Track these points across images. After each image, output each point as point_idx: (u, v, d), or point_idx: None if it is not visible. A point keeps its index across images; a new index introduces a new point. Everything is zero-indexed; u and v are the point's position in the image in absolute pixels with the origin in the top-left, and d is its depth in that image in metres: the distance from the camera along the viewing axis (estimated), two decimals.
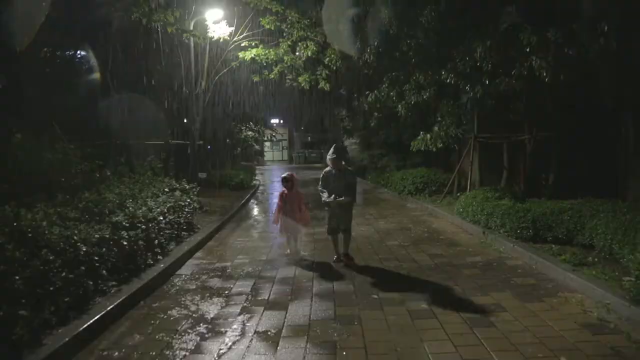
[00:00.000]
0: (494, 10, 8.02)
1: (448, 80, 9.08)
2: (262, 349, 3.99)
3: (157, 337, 4.26)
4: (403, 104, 11.15)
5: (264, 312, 4.88)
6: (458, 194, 11.60)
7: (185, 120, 16.51)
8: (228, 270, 6.52)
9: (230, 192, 15.89)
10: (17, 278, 3.77)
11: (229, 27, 13.28)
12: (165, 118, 16.52)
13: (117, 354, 3.91)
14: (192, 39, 12.38)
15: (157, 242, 6.60)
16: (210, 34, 12.73)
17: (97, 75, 15.67)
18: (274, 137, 36.42)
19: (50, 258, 4.19)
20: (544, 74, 7.06)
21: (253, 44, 14.51)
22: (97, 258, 4.90)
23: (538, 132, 10.14)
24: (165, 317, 4.77)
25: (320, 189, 6.70)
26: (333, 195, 6.51)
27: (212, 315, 4.79)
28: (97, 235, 5.09)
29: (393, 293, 5.38)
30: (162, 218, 7.06)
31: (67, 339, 3.83)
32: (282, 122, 43.40)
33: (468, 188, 11.43)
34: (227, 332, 4.36)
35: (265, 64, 15.51)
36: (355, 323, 4.50)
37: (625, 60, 6.96)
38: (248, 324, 4.55)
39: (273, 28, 14.21)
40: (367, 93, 12.67)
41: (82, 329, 4.06)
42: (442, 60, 9.53)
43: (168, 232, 7.21)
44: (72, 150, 8.45)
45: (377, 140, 20.75)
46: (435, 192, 13.64)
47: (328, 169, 6.72)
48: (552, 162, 9.99)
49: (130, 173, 10.13)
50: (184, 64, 14.28)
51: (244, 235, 9.11)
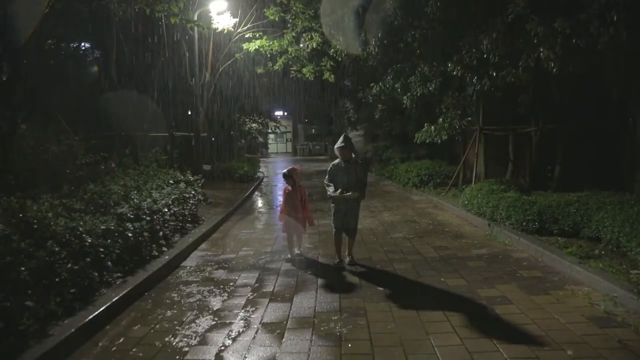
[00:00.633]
0: (500, 1, 7.91)
1: (454, 73, 9.00)
2: (267, 341, 3.99)
3: (162, 328, 4.27)
4: (408, 96, 11.08)
5: (269, 303, 4.88)
6: (463, 186, 11.55)
7: (190, 112, 16.50)
8: (233, 262, 6.52)
9: (235, 184, 15.89)
10: (23, 269, 3.78)
11: (233, 18, 13.22)
12: (170, 110, 16.51)
13: (122, 345, 3.92)
14: (196, 30, 12.33)
15: (161, 233, 6.61)
16: (214, 25, 12.67)
17: (101, 67, 15.68)
18: (278, 129, 36.37)
19: (56, 249, 4.19)
20: (552, 65, 6.98)
21: (257, 35, 14.46)
22: (102, 249, 4.91)
23: (544, 124, 10.07)
24: (171, 308, 4.78)
25: (327, 183, 6.17)
26: (339, 190, 5.98)
27: (217, 307, 4.79)
28: (102, 227, 5.09)
29: (398, 285, 5.38)
30: (166, 210, 7.06)
31: (73, 330, 3.85)
32: (286, 114, 43.27)
33: (473, 180, 11.38)
34: (232, 323, 4.36)
35: (270, 56, 15.46)
36: (361, 315, 4.49)
37: (635, 51, 6.87)
38: (253, 316, 4.55)
39: (277, 19, 14.14)
40: (371, 85, 12.60)
41: (87, 320, 4.07)
42: (447, 52, 9.46)
43: (173, 223, 7.22)
44: (77, 142, 8.46)
45: (381, 132, 20.68)
46: (440, 184, 13.59)
47: (336, 162, 6.17)
48: (558, 154, 9.92)
49: (135, 165, 10.15)
50: (188, 56, 14.24)
51: (249, 227, 9.11)
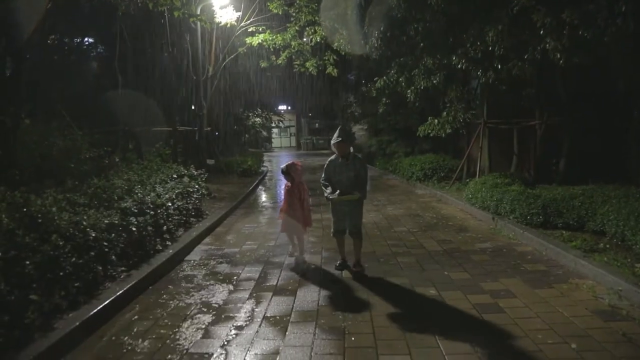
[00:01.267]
0: None
1: (459, 66, 8.93)
2: (270, 334, 3.99)
3: (166, 322, 4.29)
4: (412, 90, 11.03)
5: (273, 297, 4.89)
6: (467, 180, 11.52)
7: (193, 107, 16.51)
8: (237, 256, 6.53)
9: (238, 178, 15.90)
10: (27, 263, 3.80)
11: (236, 12, 13.18)
12: (173, 104, 16.52)
13: (127, 339, 3.93)
14: (198, 24, 12.31)
15: (165, 228, 6.62)
16: (217, 19, 12.64)
17: (104, 63, 15.69)
18: (282, 123, 36.34)
19: (60, 243, 4.20)
20: (558, 57, 6.92)
21: (260, 30, 14.41)
22: (106, 243, 4.92)
23: (549, 117, 10.01)
24: (175, 302, 4.79)
25: (323, 182, 5.58)
26: (337, 191, 5.40)
27: (221, 301, 4.81)
28: (106, 221, 5.10)
29: (402, 279, 5.37)
30: (170, 204, 7.07)
31: (77, 324, 3.87)
32: (289, 108, 43.21)
33: (477, 174, 11.35)
34: (236, 317, 4.37)
35: (273, 50, 15.42)
36: (364, 309, 4.49)
37: None
38: (257, 310, 4.56)
39: (280, 12, 14.08)
40: (375, 79, 12.55)
41: (92, 314, 4.09)
42: (451, 45, 9.39)
43: (177, 218, 7.23)
44: (80, 137, 8.48)
45: (385, 127, 20.62)
46: (444, 178, 13.55)
47: (333, 158, 5.56)
48: (563, 147, 9.86)
49: (139, 159, 10.16)
50: (191, 50, 14.22)
51: (253, 221, 9.12)
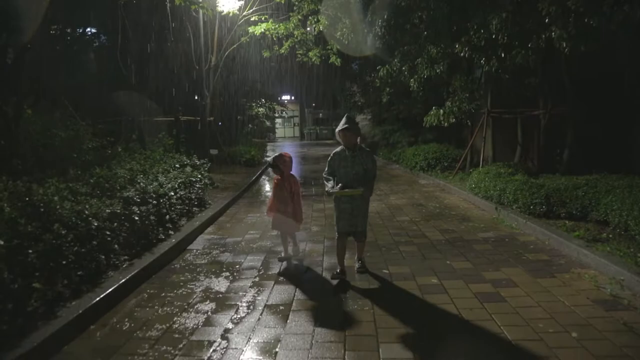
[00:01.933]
0: None
1: (462, 54, 8.86)
2: (272, 322, 4.01)
3: (168, 310, 4.31)
4: (415, 78, 10.97)
5: (275, 286, 4.91)
6: (470, 170, 11.49)
7: (196, 97, 16.48)
8: (239, 245, 6.55)
9: (242, 168, 15.92)
10: (30, 252, 3.82)
11: (238, 0, 13.10)
12: (176, 94, 16.49)
13: (129, 326, 3.96)
14: (201, 13, 12.24)
15: (168, 217, 6.64)
16: (219, 8, 12.57)
17: (106, 53, 15.65)
18: (285, 113, 36.26)
19: (62, 232, 4.22)
20: (564, 45, 6.85)
21: (263, 19, 14.32)
22: (108, 233, 4.95)
23: (553, 106, 9.94)
24: (177, 290, 4.82)
25: (325, 176, 5.04)
26: (339, 185, 4.84)
27: (223, 289, 4.83)
28: (108, 210, 5.12)
29: (403, 267, 5.38)
30: (173, 194, 7.08)
31: (80, 312, 3.89)
32: (293, 98, 43.12)
33: (481, 164, 11.31)
34: (237, 305, 4.39)
35: (276, 39, 15.34)
36: (366, 298, 4.50)
37: None
38: (258, 298, 4.57)
39: (283, 1, 13.98)
40: (378, 68, 12.48)
41: (95, 302, 4.11)
42: (455, 33, 9.32)
43: (179, 207, 7.25)
44: (83, 127, 8.49)
45: (388, 116, 20.56)
46: (448, 168, 13.52)
47: (338, 150, 5.02)
48: (566, 137, 9.80)
49: (142, 149, 10.17)
50: (194, 40, 14.16)
51: (255, 211, 9.14)
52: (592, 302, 4.24)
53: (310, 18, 14.55)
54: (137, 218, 5.61)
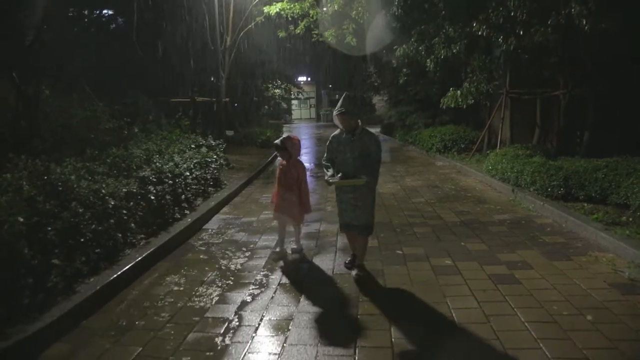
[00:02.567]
0: None
1: (480, 33, 8.65)
2: (284, 300, 4.05)
3: (183, 287, 4.38)
4: (432, 59, 10.79)
5: (288, 264, 4.95)
6: (487, 152, 11.34)
7: (212, 78, 16.50)
8: (254, 225, 6.60)
9: (257, 149, 15.95)
10: (49, 229, 3.89)
11: None
12: (192, 75, 16.52)
13: (146, 303, 4.04)
14: None
15: (184, 197, 6.71)
16: None
17: (123, 34, 15.70)
18: (301, 95, 36.13)
19: (80, 211, 4.29)
20: (584, 23, 6.64)
21: None
22: (125, 211, 5.02)
23: (573, 87, 9.70)
24: (192, 269, 4.89)
25: (324, 162, 4.53)
26: (339, 174, 4.33)
27: (237, 268, 4.88)
28: (124, 190, 5.18)
29: (417, 249, 5.37)
30: (188, 174, 7.13)
31: (98, 288, 3.98)
32: (309, 80, 42.89)
33: (498, 145, 11.15)
34: (251, 283, 4.44)
35: (291, 19, 15.21)
36: (379, 277, 4.51)
37: None
38: (272, 277, 4.62)
39: None
40: (394, 47, 12.30)
41: (112, 279, 4.20)
42: (473, 11, 9.09)
43: (195, 187, 7.31)
44: (100, 108, 8.57)
45: (405, 97, 20.32)
46: (464, 149, 13.39)
47: (336, 133, 4.49)
48: (587, 119, 9.58)
49: (158, 130, 10.24)
50: (209, 21, 14.11)
51: (270, 192, 9.12)
52: (609, 285, 4.18)
53: None
54: (153, 197, 5.68)
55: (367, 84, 26.24)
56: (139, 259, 4.72)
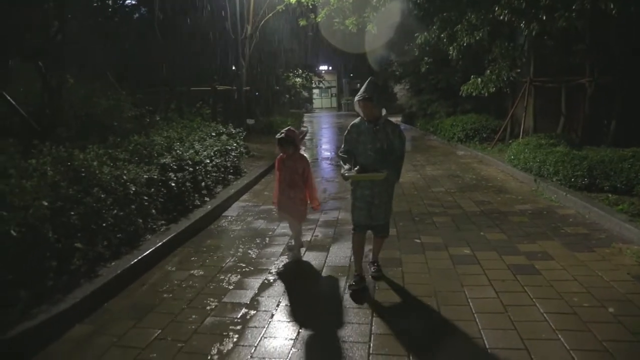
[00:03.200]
0: None
1: (502, 17, 8.45)
2: (301, 287, 4.08)
3: (202, 272, 4.45)
4: (454, 46, 10.62)
5: (306, 252, 4.98)
6: (510, 141, 11.16)
7: (234, 67, 16.55)
8: (273, 213, 6.63)
9: None
10: (72, 214, 3.99)
11: None
12: (213, 64, 16.60)
13: (166, 287, 4.12)
14: None
15: (204, 184, 6.78)
16: None
17: (146, 24, 15.84)
18: (322, 84, 35.99)
19: (102, 196, 4.38)
20: (611, 7, 6.42)
21: None
22: (146, 198, 5.10)
23: (600, 75, 9.44)
24: (211, 254, 4.96)
25: (341, 154, 4.05)
26: (357, 167, 3.87)
27: (255, 255, 4.93)
28: (145, 176, 5.26)
29: (436, 238, 5.34)
30: (208, 161, 7.20)
31: (119, 271, 4.07)
32: (330, 68, 42.67)
33: (521, 135, 10.96)
34: (269, 270, 4.48)
35: (311, 7, 15.11)
36: (396, 266, 4.50)
37: None
38: (290, 264, 4.65)
39: None
40: (416, 35, 12.14)
41: (133, 263, 4.29)
42: None
43: (215, 175, 7.38)
44: (123, 97, 8.69)
45: (427, 86, 20.09)
46: (486, 139, 13.20)
47: (357, 121, 4.02)
48: (614, 107, 9.33)
49: (179, 118, 10.35)
50: (230, 9, 14.13)
51: None
52: (632, 277, 4.09)
53: None
54: (173, 184, 5.76)
55: (388, 73, 25.97)
56: (160, 244, 4.81)
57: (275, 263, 4.68)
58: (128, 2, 17.79)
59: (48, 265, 3.56)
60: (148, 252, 4.57)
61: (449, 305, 3.64)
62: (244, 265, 4.62)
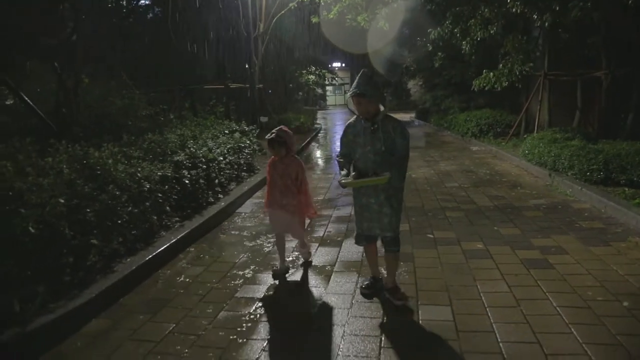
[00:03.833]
0: None
1: (514, 10, 8.35)
2: (314, 282, 4.11)
3: (216, 268, 4.50)
4: (467, 41, 10.53)
5: (319, 247, 5.00)
6: (525, 136, 11.04)
7: (247, 65, 16.63)
8: None
9: None
10: (88, 211, 4.06)
11: None
12: (226, 62, 16.70)
13: (180, 282, 4.17)
14: None
15: (217, 181, 6.85)
16: None
17: (159, 24, 15.99)
18: (336, 80, 35.93)
19: (117, 193, 4.45)
20: None
21: None
22: (160, 195, 5.17)
23: (617, 67, 9.28)
24: (225, 251, 5.01)
25: (339, 159, 3.64)
26: (353, 172, 3.46)
27: (268, 250, 4.97)
28: (159, 173, 5.33)
29: (449, 233, 5.32)
30: (222, 158, 7.27)
31: (134, 267, 4.14)
32: (344, 65, 42.59)
33: (535, 129, 10.84)
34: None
35: (324, 4, 15.11)
36: (408, 261, 4.49)
37: None
38: (302, 259, 4.68)
39: None
40: (429, 31, 12.06)
41: (148, 259, 4.36)
42: None
43: (228, 172, 7.44)
44: (138, 96, 8.80)
45: (440, 81, 19.97)
46: (501, 134, 13.09)
47: (352, 121, 3.63)
48: (631, 100, 9.17)
49: (193, 117, 10.45)
50: (242, 7, 14.18)
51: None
52: None
53: None
54: (187, 181, 5.82)
55: (402, 69, 25.87)
56: (174, 241, 4.87)
57: (288, 258, 4.70)
58: (142, 2, 17.98)
59: (65, 262, 3.64)
60: (162, 248, 4.64)
61: (461, 299, 3.63)
62: (257, 261, 4.66)
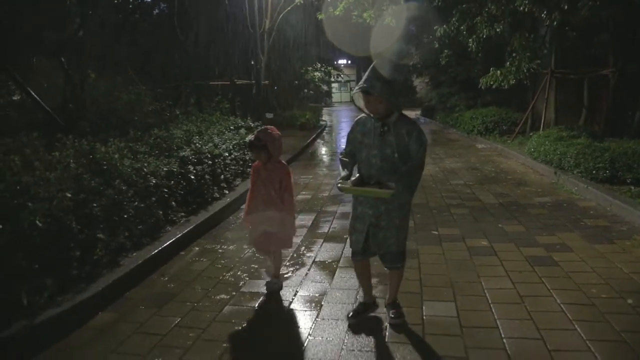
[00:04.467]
0: None
1: (521, 8, 8.31)
2: (318, 277, 4.13)
3: (221, 263, 4.53)
4: (474, 39, 10.49)
5: (323, 243, 5.02)
6: (531, 134, 11.01)
7: (253, 62, 16.66)
8: None
9: (297, 131, 16.08)
10: (94, 205, 4.09)
11: None
12: (232, 58, 16.72)
13: (185, 277, 4.20)
14: None
15: (223, 177, 6.87)
16: None
17: (165, 20, 16.04)
18: (341, 77, 35.91)
19: (123, 188, 4.48)
20: None
21: None
22: (166, 190, 5.20)
23: (624, 65, 9.22)
24: (230, 246, 5.04)
25: (341, 158, 3.22)
26: (357, 176, 3.05)
27: None
28: (165, 169, 5.36)
29: (453, 229, 5.33)
30: (227, 154, 7.29)
31: (140, 262, 4.17)
32: (349, 62, 42.53)
33: (541, 127, 10.80)
34: (287, 261, 4.53)
35: (330, 0, 15.10)
36: (413, 257, 4.50)
37: None
38: (307, 255, 4.70)
39: None
40: (435, 28, 12.02)
41: (154, 254, 4.39)
42: None
43: (234, 168, 7.46)
44: (144, 92, 8.84)
45: (446, 79, 19.91)
46: (507, 132, 13.06)
47: (362, 118, 3.16)
48: (638, 98, 9.11)
49: (199, 113, 10.48)
50: (247, 4, 14.19)
51: (309, 173, 9.26)
52: None
53: None
54: (193, 177, 5.85)
55: (408, 66, 25.77)
56: (180, 236, 4.90)
57: (293, 254, 4.73)
58: None
59: (72, 255, 3.67)
60: (168, 243, 4.67)
61: (465, 296, 3.64)
62: (263, 256, 4.68)
